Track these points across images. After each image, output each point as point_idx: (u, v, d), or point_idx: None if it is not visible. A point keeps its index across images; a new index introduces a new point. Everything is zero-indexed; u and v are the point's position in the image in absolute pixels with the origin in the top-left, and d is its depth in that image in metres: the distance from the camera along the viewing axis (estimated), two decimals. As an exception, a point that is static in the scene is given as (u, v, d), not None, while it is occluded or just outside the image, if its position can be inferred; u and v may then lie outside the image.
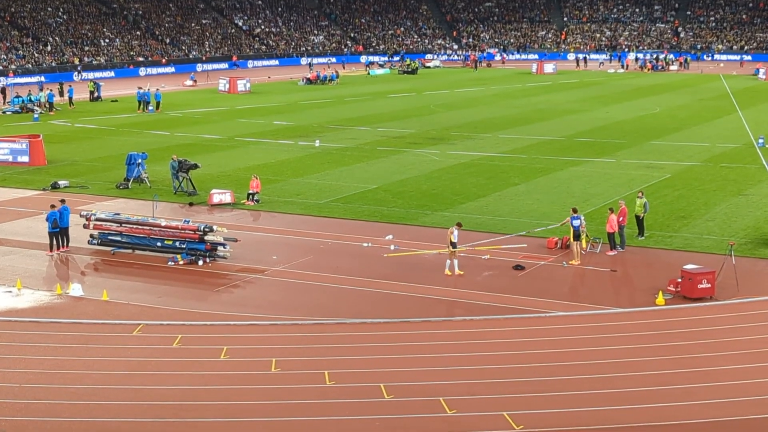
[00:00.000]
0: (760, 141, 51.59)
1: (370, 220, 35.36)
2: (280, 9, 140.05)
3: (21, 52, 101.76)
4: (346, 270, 28.81)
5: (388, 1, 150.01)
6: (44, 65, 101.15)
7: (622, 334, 23.16)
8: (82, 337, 23.14)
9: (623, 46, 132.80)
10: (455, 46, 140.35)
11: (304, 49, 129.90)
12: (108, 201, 38.94)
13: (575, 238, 29.53)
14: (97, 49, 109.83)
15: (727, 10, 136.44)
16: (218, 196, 38.18)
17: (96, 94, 79.18)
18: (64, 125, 63.12)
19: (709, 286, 25.71)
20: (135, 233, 30.86)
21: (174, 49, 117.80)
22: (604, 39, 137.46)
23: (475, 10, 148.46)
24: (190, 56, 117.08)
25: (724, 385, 19.85)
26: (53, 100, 71.67)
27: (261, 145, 53.66)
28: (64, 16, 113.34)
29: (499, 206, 37.20)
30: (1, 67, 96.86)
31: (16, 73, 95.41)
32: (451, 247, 28.24)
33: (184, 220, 31.18)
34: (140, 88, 72.92)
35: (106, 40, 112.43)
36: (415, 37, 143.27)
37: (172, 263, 29.73)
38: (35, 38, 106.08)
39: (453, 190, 40.41)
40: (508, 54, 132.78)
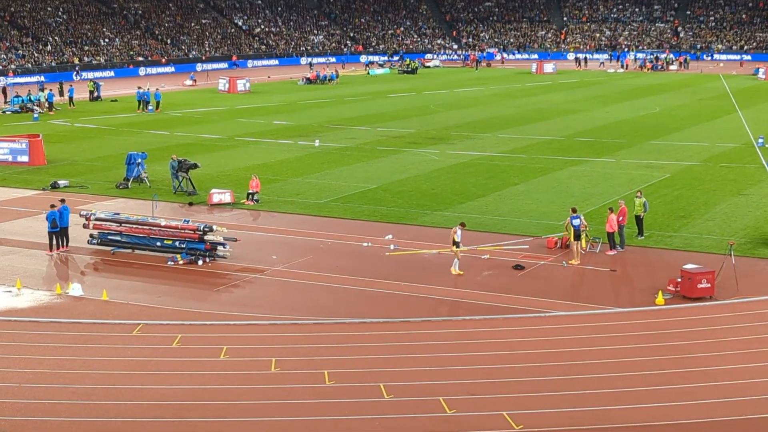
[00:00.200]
0: (760, 141, 51.59)
1: (370, 219, 35.37)
2: (279, 9, 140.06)
3: (21, 52, 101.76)
4: (346, 270, 28.81)
5: (388, 0, 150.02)
6: (44, 65, 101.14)
7: (622, 333, 23.16)
8: (82, 336, 23.14)
9: (623, 46, 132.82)
10: (455, 46, 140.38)
11: (304, 49, 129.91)
12: (108, 201, 38.94)
13: (575, 238, 29.52)
14: (97, 48, 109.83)
15: (726, 10, 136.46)
16: (218, 196, 38.18)
17: (96, 94, 79.17)
18: (64, 125, 63.12)
19: (709, 285, 25.71)
20: (135, 233, 30.86)
21: (174, 48, 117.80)
22: (603, 39, 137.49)
23: (475, 9, 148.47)
24: (190, 56, 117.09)
25: (724, 384, 19.86)
26: (53, 100, 71.67)
27: (261, 145, 53.66)
28: (64, 16, 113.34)
29: (498, 206, 37.20)
30: (0, 67, 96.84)
31: (15, 73, 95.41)
32: (455, 247, 28.23)
33: (184, 220, 31.18)
34: (140, 88, 72.93)
35: (106, 40, 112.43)
36: (415, 36, 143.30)
37: (172, 263, 29.72)
38: (35, 38, 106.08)
39: (453, 189, 40.41)
40: (508, 54, 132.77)
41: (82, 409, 18.82)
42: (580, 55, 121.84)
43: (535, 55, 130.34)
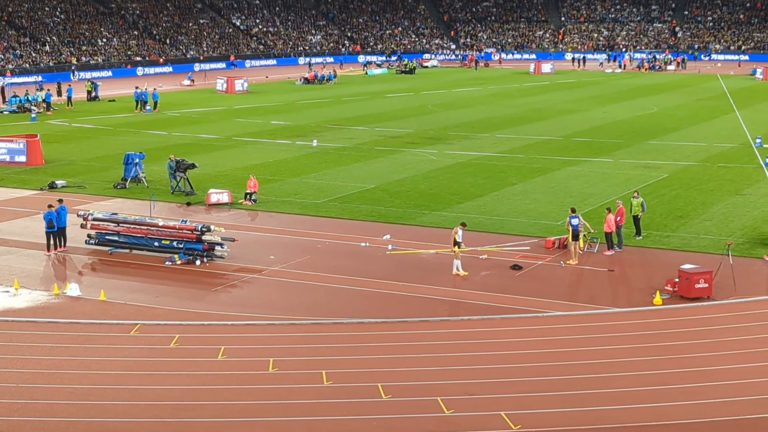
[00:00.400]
0: (758, 141, 51.63)
1: (368, 219, 35.36)
2: (277, 8, 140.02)
3: (18, 52, 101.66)
4: (344, 270, 28.80)
5: (386, 0, 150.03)
6: (42, 65, 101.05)
7: (620, 333, 23.17)
8: (80, 336, 23.12)
9: (620, 46, 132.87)
10: (453, 46, 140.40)
11: (302, 49, 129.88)
12: (105, 201, 38.92)
13: (573, 238, 29.53)
14: (95, 48, 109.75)
15: (724, 10, 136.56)
16: (216, 196, 38.16)
17: (93, 94, 79.12)
18: (62, 125, 63.07)
19: (707, 285, 25.72)
20: (132, 233, 30.83)
21: (171, 48, 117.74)
22: (601, 39, 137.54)
23: (473, 9, 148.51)
24: (188, 56, 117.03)
25: (721, 384, 19.87)
26: (50, 100, 71.61)
27: (258, 145, 53.65)
28: (62, 16, 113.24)
29: (496, 206, 37.21)
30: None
31: (13, 73, 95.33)
32: (456, 248, 28.21)
33: (182, 220, 31.17)
34: (138, 88, 72.92)
35: (104, 40, 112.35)
36: (413, 36, 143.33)
37: (170, 263, 29.71)
38: (33, 38, 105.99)
39: (450, 189, 40.41)
40: (506, 54, 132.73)
41: (80, 409, 18.81)
42: (578, 55, 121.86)
43: (533, 55, 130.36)
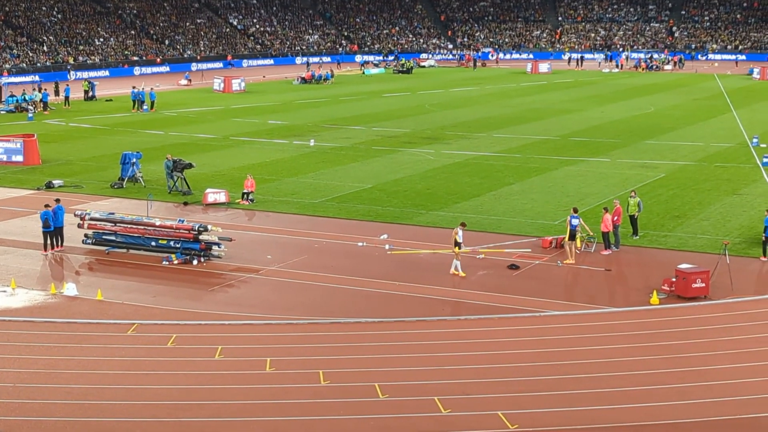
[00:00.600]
0: (754, 140, 51.70)
1: (365, 219, 35.37)
2: (274, 8, 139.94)
3: (15, 52, 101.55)
4: (341, 269, 28.81)
5: (383, 0, 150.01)
6: (39, 65, 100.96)
7: (617, 333, 23.20)
8: (77, 336, 23.12)
9: (618, 46, 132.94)
10: (450, 46, 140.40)
11: (299, 49, 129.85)
12: (102, 200, 38.90)
13: (570, 238, 29.55)
14: (92, 48, 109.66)
15: (721, 10, 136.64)
16: (213, 196, 38.15)
17: (90, 94, 79.06)
18: (59, 125, 63.02)
19: (704, 285, 25.75)
20: (129, 233, 30.82)
21: (169, 48, 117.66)
22: (598, 38, 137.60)
23: (470, 9, 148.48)
24: (185, 55, 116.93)
25: (718, 384, 19.90)
26: (47, 100, 71.57)
27: (256, 145, 53.64)
28: (59, 16, 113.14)
29: (494, 206, 37.23)
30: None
31: (10, 73, 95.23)
32: (456, 248, 28.21)
33: (179, 220, 31.16)
34: (135, 88, 72.85)
35: (101, 40, 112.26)
36: (410, 36, 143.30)
37: (167, 263, 29.70)
38: (30, 37, 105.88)
39: (448, 189, 40.43)
40: (503, 53, 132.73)
41: (77, 409, 18.81)
42: (575, 55, 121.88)
43: (530, 55, 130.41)
